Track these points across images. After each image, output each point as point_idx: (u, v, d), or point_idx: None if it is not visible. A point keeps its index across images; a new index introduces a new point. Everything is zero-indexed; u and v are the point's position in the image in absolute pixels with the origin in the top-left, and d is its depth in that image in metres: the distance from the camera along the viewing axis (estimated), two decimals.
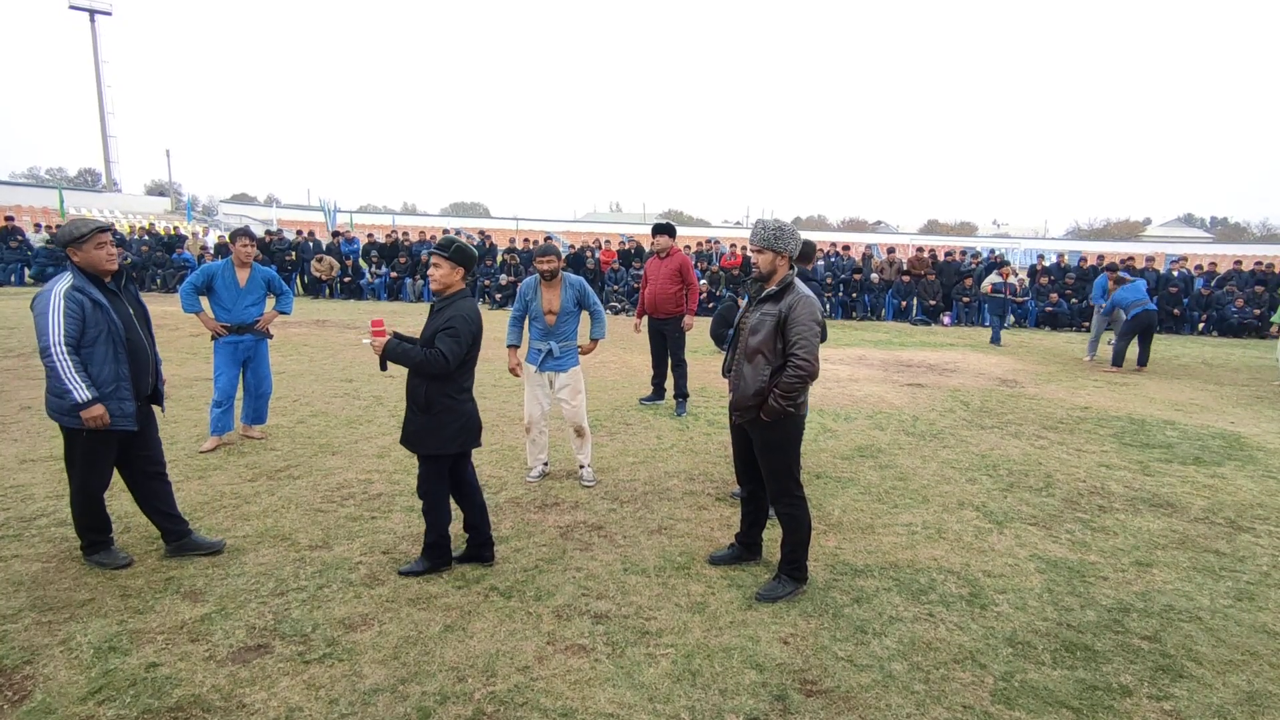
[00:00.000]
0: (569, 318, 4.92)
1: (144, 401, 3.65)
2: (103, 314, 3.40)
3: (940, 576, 3.82)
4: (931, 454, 6.04)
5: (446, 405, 3.47)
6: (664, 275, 7.15)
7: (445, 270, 3.51)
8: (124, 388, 3.46)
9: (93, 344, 3.38)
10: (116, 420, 3.43)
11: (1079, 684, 2.92)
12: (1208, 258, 30.00)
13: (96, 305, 3.39)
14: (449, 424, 3.49)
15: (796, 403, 3.38)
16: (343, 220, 36.77)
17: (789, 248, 3.45)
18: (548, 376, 4.96)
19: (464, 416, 3.54)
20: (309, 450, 5.63)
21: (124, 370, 3.46)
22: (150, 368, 3.64)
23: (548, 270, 4.86)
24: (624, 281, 18.04)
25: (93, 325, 3.37)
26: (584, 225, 54.34)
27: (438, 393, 3.45)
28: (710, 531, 4.32)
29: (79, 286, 3.38)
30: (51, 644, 2.97)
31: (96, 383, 3.38)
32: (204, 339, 10.92)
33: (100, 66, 47.55)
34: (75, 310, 3.33)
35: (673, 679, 2.87)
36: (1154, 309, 10.99)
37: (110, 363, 3.41)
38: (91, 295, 3.38)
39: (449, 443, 3.52)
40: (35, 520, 4.16)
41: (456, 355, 3.37)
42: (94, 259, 3.43)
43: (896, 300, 17.89)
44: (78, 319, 3.34)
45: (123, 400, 3.45)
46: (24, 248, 18.97)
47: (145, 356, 3.59)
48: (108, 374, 3.41)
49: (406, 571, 3.64)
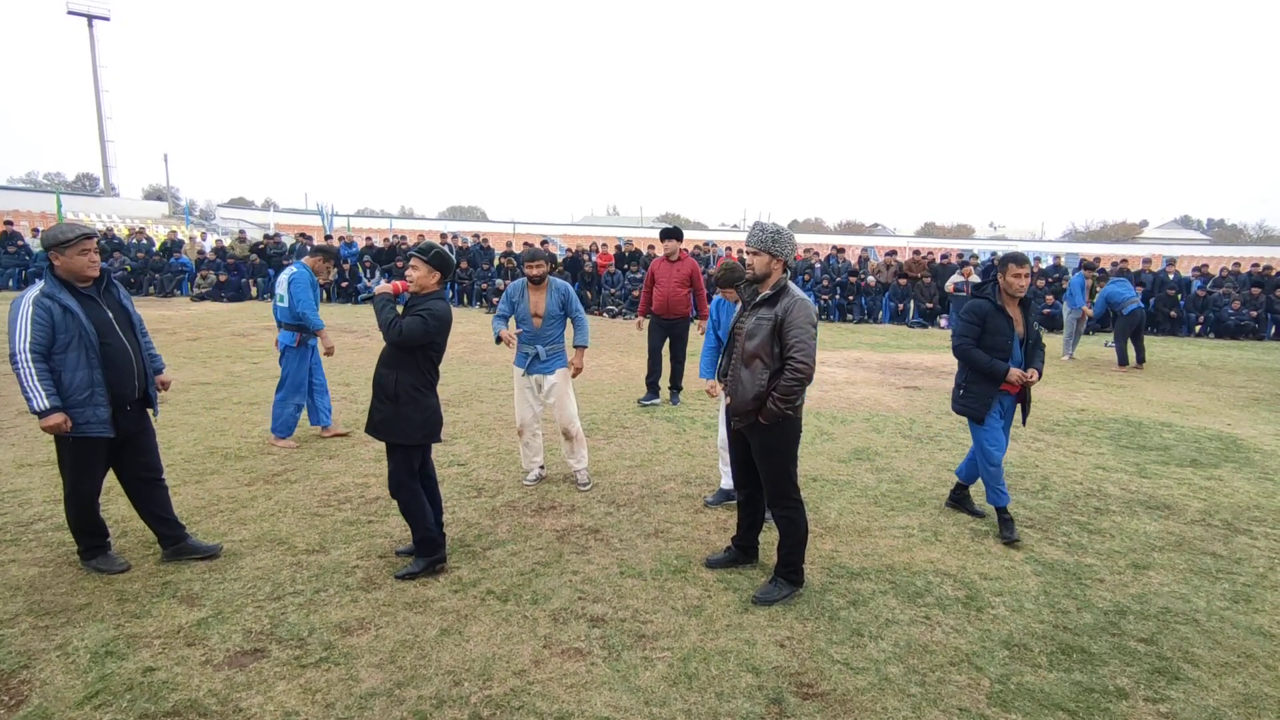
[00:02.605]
0: (555, 321, 4.95)
1: (134, 406, 3.61)
2: (73, 320, 3.35)
3: (936, 579, 3.83)
4: (928, 456, 6.05)
5: (412, 397, 3.61)
6: (675, 279, 7.59)
7: (423, 272, 3.68)
8: (99, 394, 3.40)
9: (64, 350, 3.34)
10: (91, 427, 3.38)
11: (1075, 686, 2.93)
12: (1204, 259, 30.10)
13: (67, 311, 3.34)
14: (413, 415, 3.62)
15: (794, 405, 3.39)
16: (340, 224, 36.78)
17: (785, 252, 3.47)
18: (535, 380, 4.98)
19: (427, 409, 3.67)
20: (306, 454, 5.63)
21: (98, 376, 3.40)
22: (134, 372, 3.56)
23: (537, 275, 4.91)
24: (621, 285, 18.04)
25: (63, 331, 3.33)
26: (581, 228, 54.36)
27: (405, 385, 3.60)
28: (707, 535, 4.32)
29: (49, 293, 3.35)
30: (48, 648, 2.97)
31: (69, 389, 3.33)
32: (200, 343, 10.93)
33: (98, 71, 47.52)
34: (44, 317, 3.30)
35: (669, 682, 2.87)
36: (1143, 306, 11.40)
37: (83, 369, 3.36)
38: (62, 302, 3.35)
39: (414, 433, 3.64)
40: (32, 525, 4.16)
41: (413, 335, 3.54)
42: (76, 265, 3.40)
43: (893, 303, 17.92)
44: (46, 326, 3.30)
45: (97, 407, 3.40)
46: (22, 253, 18.95)
47: (126, 361, 3.52)
48: (80, 380, 3.35)
49: (404, 575, 3.65)
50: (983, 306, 4.34)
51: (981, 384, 4.33)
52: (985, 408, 4.34)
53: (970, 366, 4.37)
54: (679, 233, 7.75)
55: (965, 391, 4.43)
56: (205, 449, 5.65)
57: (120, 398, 3.50)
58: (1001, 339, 4.27)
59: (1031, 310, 4.43)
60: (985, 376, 4.29)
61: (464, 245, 20.05)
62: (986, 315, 4.31)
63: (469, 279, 18.65)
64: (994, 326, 4.28)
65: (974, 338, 4.33)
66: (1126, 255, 23.99)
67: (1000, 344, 4.28)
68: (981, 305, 4.36)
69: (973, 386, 4.37)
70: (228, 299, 17.59)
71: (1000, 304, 4.32)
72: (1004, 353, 4.27)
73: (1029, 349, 4.36)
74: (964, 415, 4.45)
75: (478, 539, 4.17)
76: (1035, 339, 4.40)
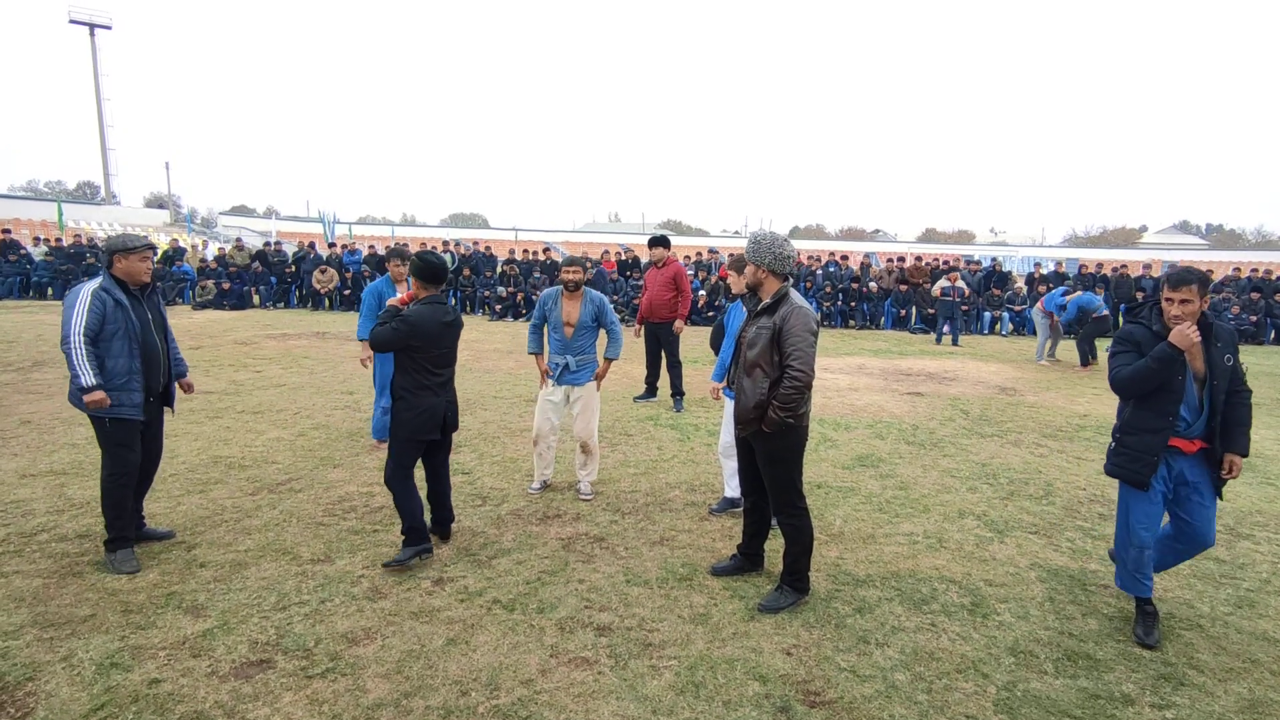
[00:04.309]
0: (587, 332, 4.92)
1: (156, 399, 4.00)
2: (123, 313, 3.77)
3: (942, 586, 3.83)
4: (932, 463, 6.05)
5: (403, 395, 3.88)
6: (660, 283, 7.98)
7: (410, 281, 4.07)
8: (135, 380, 3.80)
9: (110, 338, 3.74)
10: (125, 409, 3.77)
11: (1081, 693, 2.93)
12: (1207, 265, 30.13)
13: (118, 305, 3.76)
14: (403, 413, 3.89)
15: (797, 414, 3.39)
16: (341, 232, 36.85)
17: (765, 260, 3.51)
18: (564, 391, 4.96)
19: (418, 407, 3.90)
20: (310, 463, 5.63)
21: (136, 365, 3.80)
22: (161, 368, 3.98)
23: (572, 281, 4.88)
24: (623, 292, 18.07)
25: (112, 321, 3.73)
26: (583, 235, 54.48)
27: (399, 385, 3.90)
28: (712, 542, 4.32)
29: (106, 287, 3.77)
30: (53, 660, 2.97)
31: (111, 374, 3.73)
32: (206, 352, 10.93)
33: (100, 80, 47.75)
34: (98, 307, 3.71)
35: (676, 691, 2.87)
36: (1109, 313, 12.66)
37: (125, 357, 3.76)
38: (115, 296, 3.77)
39: (402, 430, 3.89)
40: (36, 535, 4.16)
41: (383, 341, 3.80)
42: (135, 269, 3.86)
43: (895, 309, 17.95)
44: (99, 314, 3.70)
45: (133, 392, 3.79)
46: (24, 261, 18.99)
47: (157, 357, 3.95)
48: (122, 366, 3.76)
49: (391, 563, 3.84)
50: (1137, 332, 3.36)
51: (1141, 435, 3.32)
52: (1147, 467, 3.29)
53: (1130, 385, 3.30)
54: (666, 240, 8.18)
55: (1119, 444, 3.43)
56: (209, 458, 5.66)
57: (149, 388, 3.90)
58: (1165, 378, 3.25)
59: (1222, 339, 3.27)
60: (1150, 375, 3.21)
61: (466, 253, 20.05)
62: (1143, 343, 3.31)
63: (471, 286, 18.68)
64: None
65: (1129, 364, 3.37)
66: (1126, 260, 24.00)
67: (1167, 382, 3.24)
68: (1137, 331, 3.37)
69: (1128, 438, 3.37)
70: (230, 307, 17.62)
71: (1161, 331, 3.26)
72: (1171, 394, 3.24)
73: (1213, 396, 3.24)
74: (1117, 478, 3.44)
75: (483, 548, 4.17)
76: (1227, 382, 3.25)
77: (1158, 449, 3.27)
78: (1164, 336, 3.20)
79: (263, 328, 14.24)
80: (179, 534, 4.21)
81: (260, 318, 15.99)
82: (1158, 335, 3.26)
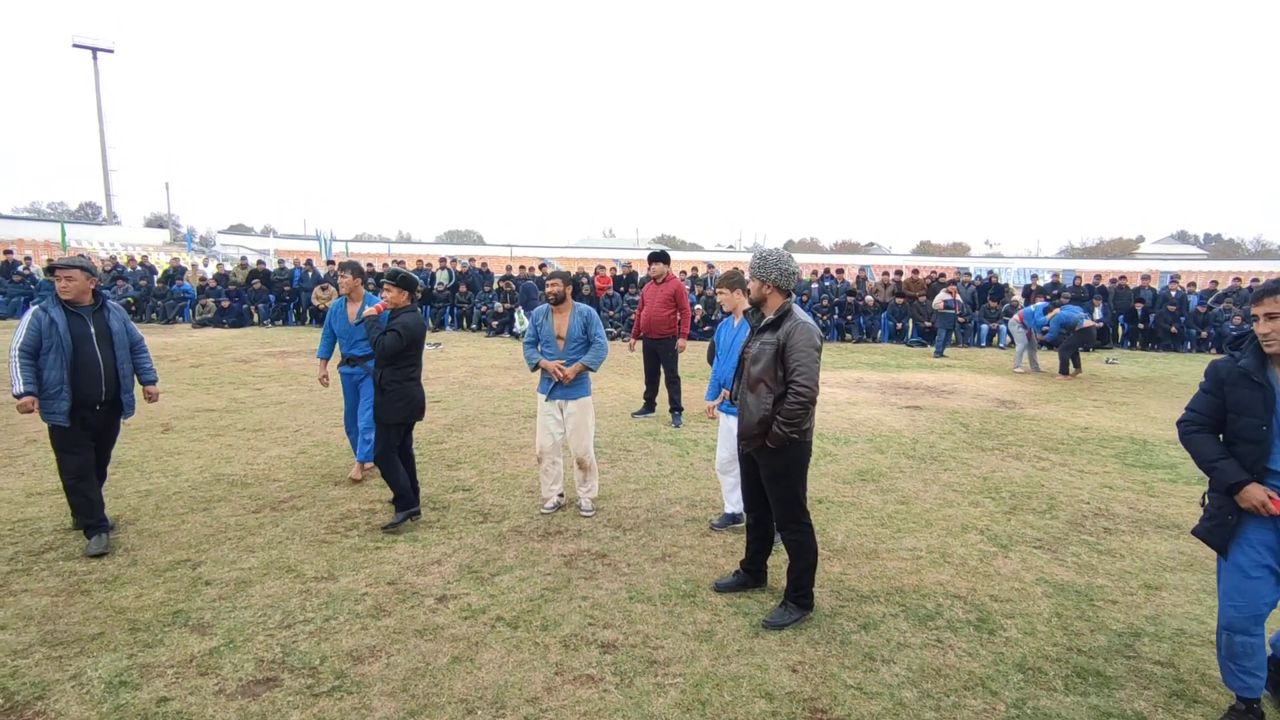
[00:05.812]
0: (578, 345, 4.95)
1: (103, 407, 4.34)
2: (55, 330, 4.16)
3: (947, 601, 3.82)
4: (933, 477, 6.05)
5: (393, 385, 4.61)
6: (659, 300, 7.98)
7: (394, 294, 4.71)
8: (64, 391, 4.15)
9: (46, 352, 4.14)
10: (56, 416, 4.15)
11: (1093, 710, 2.91)
12: (1210, 275, 30.29)
13: (53, 322, 4.17)
14: (393, 399, 4.61)
15: (801, 429, 3.40)
16: (338, 249, 36.92)
17: (770, 275, 3.55)
18: (558, 405, 4.98)
19: (405, 396, 4.65)
20: (311, 480, 5.63)
21: (65, 376, 4.14)
22: (103, 379, 4.29)
23: (553, 294, 4.93)
24: (619, 307, 18.10)
25: (46, 337, 4.15)
26: (578, 251, 54.59)
27: (388, 377, 4.61)
28: (714, 558, 4.32)
29: (44, 307, 4.23)
30: (63, 679, 2.96)
31: (45, 384, 4.13)
32: (203, 370, 10.96)
33: (102, 102, 48.08)
34: (35, 324, 4.16)
35: (682, 709, 2.86)
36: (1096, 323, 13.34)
37: (55, 369, 4.14)
38: (52, 314, 4.19)
39: (396, 413, 4.62)
40: (44, 554, 4.16)
41: (393, 347, 4.56)
42: (59, 288, 4.24)
43: (892, 322, 17.99)
44: (36, 331, 4.14)
45: (61, 401, 4.14)
46: (28, 281, 19.07)
47: (95, 368, 4.26)
48: (54, 378, 4.13)
49: (387, 526, 4.57)
50: (1222, 367, 2.80)
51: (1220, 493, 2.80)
52: (1226, 531, 2.76)
53: (1190, 453, 2.88)
54: (665, 255, 8.17)
55: (1204, 498, 2.92)
56: (211, 476, 5.65)
57: (88, 397, 4.23)
58: (1251, 422, 2.67)
59: None
60: (1206, 473, 2.81)
61: (463, 270, 20.10)
62: (1225, 382, 2.76)
63: (468, 303, 18.70)
64: (1239, 401, 2.71)
65: (1206, 413, 2.82)
66: (1125, 271, 24.11)
67: (1248, 431, 2.68)
68: (1221, 366, 2.81)
69: (1210, 493, 2.88)
70: (229, 325, 17.65)
71: (1250, 366, 2.68)
72: (1255, 445, 2.66)
73: None
74: (1204, 540, 2.86)
75: (485, 565, 4.16)
76: None
77: (1237, 509, 2.71)
78: (1250, 373, 2.67)
79: (262, 345, 14.27)
80: (184, 552, 4.22)
81: (259, 335, 16.01)
82: (1244, 373, 2.69)
